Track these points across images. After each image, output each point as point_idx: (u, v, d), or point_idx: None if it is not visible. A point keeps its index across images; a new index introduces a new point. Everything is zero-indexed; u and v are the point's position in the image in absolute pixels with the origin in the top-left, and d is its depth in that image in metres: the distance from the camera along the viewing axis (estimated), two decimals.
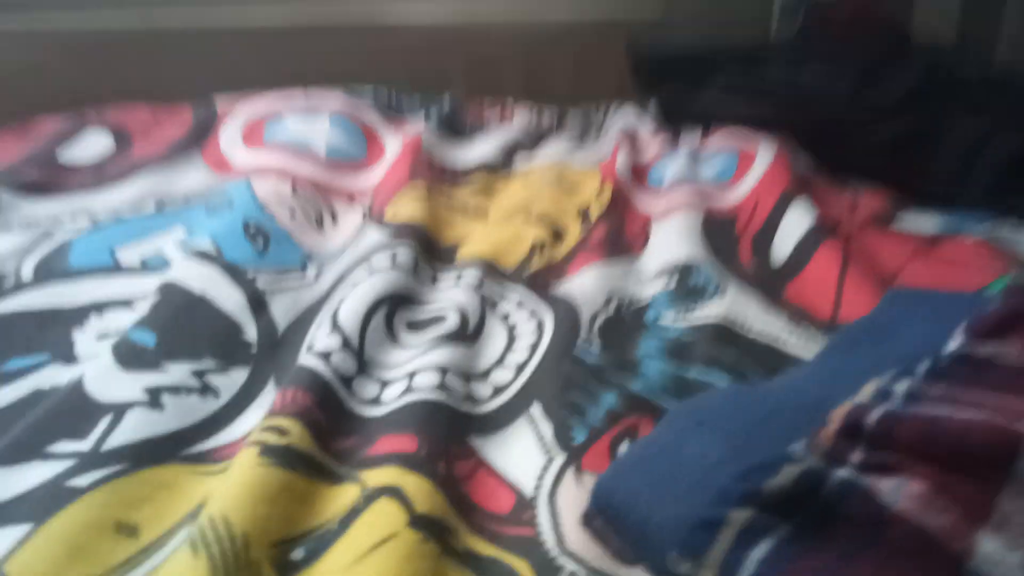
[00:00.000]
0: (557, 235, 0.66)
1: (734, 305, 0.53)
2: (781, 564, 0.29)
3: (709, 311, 0.53)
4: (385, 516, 0.36)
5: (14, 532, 0.35)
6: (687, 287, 0.56)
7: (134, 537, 0.37)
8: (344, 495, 0.39)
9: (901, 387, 0.33)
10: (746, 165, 0.75)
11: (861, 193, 0.71)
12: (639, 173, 0.79)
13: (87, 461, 0.39)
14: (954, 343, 0.35)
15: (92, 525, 0.36)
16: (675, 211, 0.67)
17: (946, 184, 0.73)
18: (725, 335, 0.50)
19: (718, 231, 0.64)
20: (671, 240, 0.63)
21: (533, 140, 0.88)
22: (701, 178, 0.75)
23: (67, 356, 0.49)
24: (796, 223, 0.62)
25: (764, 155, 0.75)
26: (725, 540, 0.30)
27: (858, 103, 0.81)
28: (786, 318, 0.53)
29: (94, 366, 0.46)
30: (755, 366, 0.47)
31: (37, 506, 0.37)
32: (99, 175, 0.70)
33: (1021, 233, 0.59)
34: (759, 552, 0.29)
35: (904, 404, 0.32)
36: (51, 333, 0.51)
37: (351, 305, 0.51)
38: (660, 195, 0.73)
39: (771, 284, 0.57)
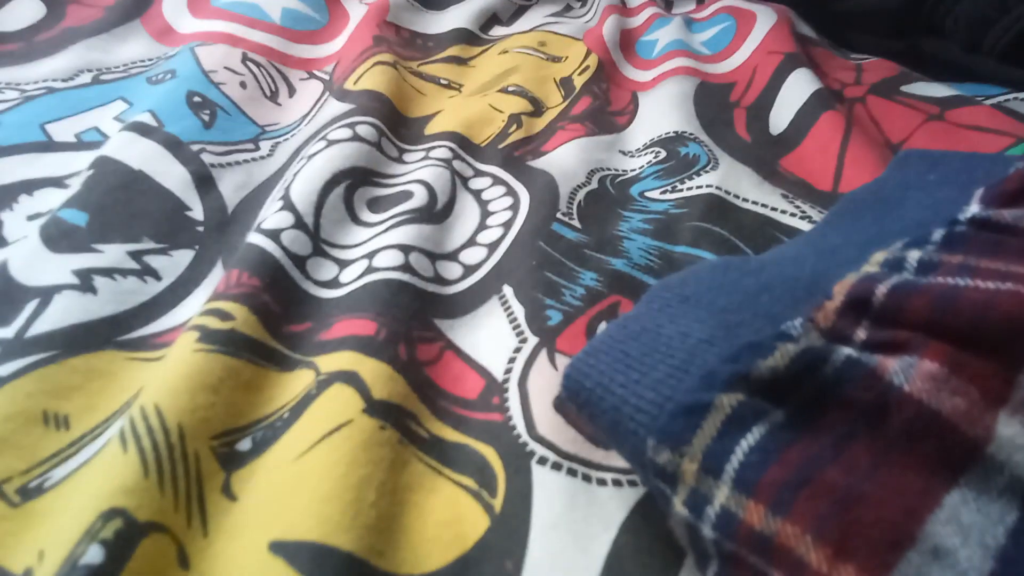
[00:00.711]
0: (537, 107, 0.60)
1: (727, 177, 0.49)
2: (773, 453, 0.26)
3: (700, 184, 0.48)
4: (339, 402, 0.33)
5: None
6: (677, 159, 0.51)
7: (64, 428, 0.33)
8: (296, 382, 0.36)
9: (914, 256, 0.29)
10: (744, 31, 0.69)
11: (867, 61, 0.66)
12: (627, 42, 0.72)
13: (10, 348, 0.36)
14: (973, 207, 0.31)
15: (17, 415, 0.33)
16: (665, 80, 0.62)
17: (957, 53, 0.68)
18: (717, 208, 0.46)
19: (712, 100, 0.59)
20: (661, 110, 0.58)
21: (513, 9, 0.81)
22: (695, 46, 0.69)
23: None
24: (796, 91, 0.57)
25: (764, 21, 0.69)
26: (711, 427, 0.27)
27: None
28: (783, 189, 0.49)
29: (20, 248, 0.42)
30: (748, 240, 0.43)
31: None
32: (28, 44, 0.63)
33: None
34: (749, 440, 0.26)
35: (917, 274, 0.28)
36: None
37: (305, 180, 0.46)
38: (650, 65, 0.67)
39: (768, 154, 0.52)
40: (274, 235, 0.42)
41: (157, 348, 0.38)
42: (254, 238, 0.41)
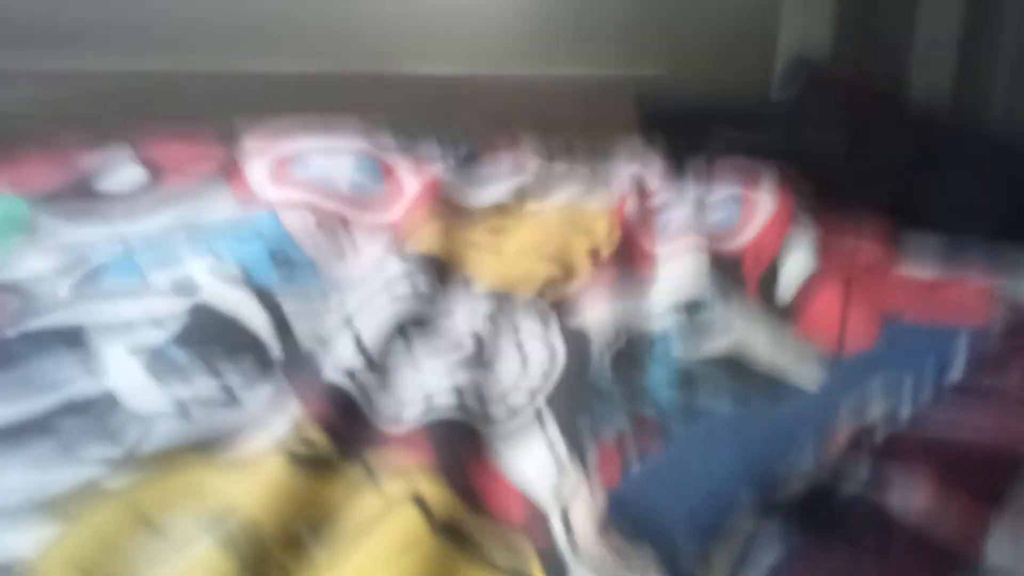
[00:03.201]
0: (568, 272, 0.68)
1: (742, 339, 0.55)
2: (790, 571, 0.30)
3: (717, 344, 0.55)
4: (408, 522, 0.38)
5: (49, 530, 0.37)
6: (696, 322, 0.58)
7: (162, 535, 0.38)
8: (367, 502, 0.40)
9: (907, 407, 0.35)
10: (750, 212, 0.78)
11: (862, 233, 0.74)
12: (647, 217, 0.82)
13: (119, 465, 0.41)
14: (957, 372, 0.37)
15: (122, 524, 0.38)
16: (682, 253, 0.70)
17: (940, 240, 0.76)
18: (733, 367, 0.52)
19: (725, 271, 0.67)
20: (679, 279, 0.65)
21: (544, 185, 0.92)
22: (707, 224, 0.78)
23: (98, 370, 0.51)
24: (799, 267, 0.65)
25: (769, 204, 0.78)
26: (735, 547, 0.31)
27: (854, 166, 0.85)
28: (793, 352, 0.55)
29: (127, 378, 0.48)
30: (762, 396, 0.49)
31: (71, 506, 0.39)
32: (132, 204, 0.74)
33: (1019, 279, 0.62)
34: (768, 559, 0.31)
35: (910, 425, 0.34)
36: (84, 348, 0.53)
37: (374, 328, 0.53)
38: (667, 238, 0.76)
39: (777, 320, 0.59)
40: (349, 374, 0.48)
41: (243, 468, 0.43)
42: (333, 376, 0.48)
